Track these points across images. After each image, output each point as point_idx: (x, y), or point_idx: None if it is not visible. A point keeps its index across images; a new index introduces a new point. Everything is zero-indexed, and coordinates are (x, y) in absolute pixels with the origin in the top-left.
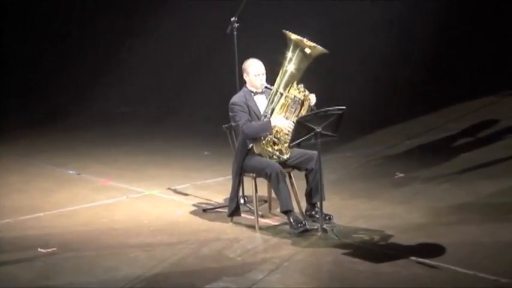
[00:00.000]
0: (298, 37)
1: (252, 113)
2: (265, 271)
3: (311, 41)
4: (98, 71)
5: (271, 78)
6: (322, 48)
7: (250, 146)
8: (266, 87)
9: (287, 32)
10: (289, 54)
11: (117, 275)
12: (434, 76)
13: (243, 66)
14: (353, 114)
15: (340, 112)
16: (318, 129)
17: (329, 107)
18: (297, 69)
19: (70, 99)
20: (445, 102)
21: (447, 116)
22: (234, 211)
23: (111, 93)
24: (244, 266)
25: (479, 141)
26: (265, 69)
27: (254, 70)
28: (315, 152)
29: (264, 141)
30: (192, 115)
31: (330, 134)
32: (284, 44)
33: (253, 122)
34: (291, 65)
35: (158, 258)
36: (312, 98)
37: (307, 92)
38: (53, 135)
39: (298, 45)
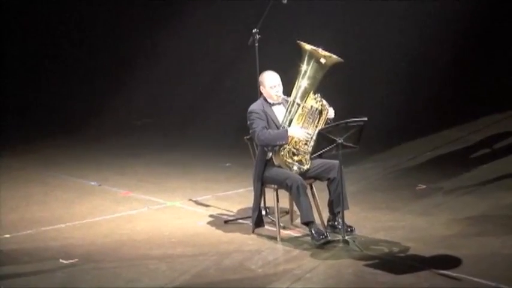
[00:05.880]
0: (313, 47)
1: (270, 121)
2: (287, 283)
3: (326, 50)
4: (117, 82)
5: (290, 88)
6: (338, 58)
7: (270, 155)
8: (283, 98)
9: (301, 42)
10: (304, 64)
11: (138, 287)
12: (458, 89)
13: (259, 78)
14: (373, 126)
15: (361, 123)
16: (340, 141)
17: (350, 118)
18: (313, 78)
19: (90, 111)
20: (467, 115)
21: (468, 128)
22: (258, 222)
23: (130, 104)
24: (266, 277)
25: (501, 152)
26: (287, 80)
27: (269, 82)
28: (336, 161)
29: (282, 153)
30: (213, 126)
31: (351, 145)
32: (299, 53)
33: (269, 130)
34: (306, 75)
35: (179, 270)
36: (331, 112)
37: (324, 102)
38: (73, 146)
39: (312, 56)
